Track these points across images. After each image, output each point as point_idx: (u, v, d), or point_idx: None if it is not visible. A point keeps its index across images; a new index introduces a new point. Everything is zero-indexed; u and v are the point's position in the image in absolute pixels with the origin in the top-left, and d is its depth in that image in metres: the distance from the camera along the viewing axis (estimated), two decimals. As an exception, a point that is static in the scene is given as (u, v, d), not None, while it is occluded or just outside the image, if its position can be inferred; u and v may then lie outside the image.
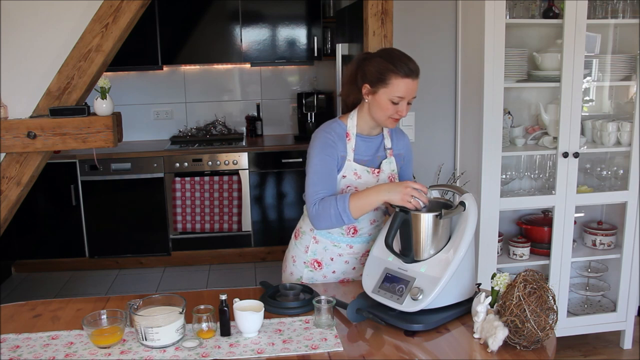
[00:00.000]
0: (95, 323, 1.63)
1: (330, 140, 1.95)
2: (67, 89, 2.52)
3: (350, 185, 1.97)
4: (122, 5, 2.48)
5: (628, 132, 3.04)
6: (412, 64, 1.88)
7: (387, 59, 1.88)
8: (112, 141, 2.52)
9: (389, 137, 2.06)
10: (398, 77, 1.85)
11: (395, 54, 1.91)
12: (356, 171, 1.97)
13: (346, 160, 1.96)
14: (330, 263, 2.08)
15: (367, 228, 2.06)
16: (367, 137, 2.02)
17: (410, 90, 1.88)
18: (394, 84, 1.86)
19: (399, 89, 1.86)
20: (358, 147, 1.99)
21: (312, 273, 2.09)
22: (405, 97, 1.88)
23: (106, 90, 2.50)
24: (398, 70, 1.86)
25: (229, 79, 5.18)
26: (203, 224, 4.60)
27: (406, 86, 1.86)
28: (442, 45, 3.15)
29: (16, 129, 2.44)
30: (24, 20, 2.48)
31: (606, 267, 3.34)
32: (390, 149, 2.05)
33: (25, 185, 2.59)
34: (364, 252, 2.07)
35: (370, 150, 2.02)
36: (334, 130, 1.97)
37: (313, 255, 2.09)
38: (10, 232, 4.40)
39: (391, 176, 2.04)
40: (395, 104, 1.88)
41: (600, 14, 3.02)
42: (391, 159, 2.05)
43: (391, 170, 2.04)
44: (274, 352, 1.55)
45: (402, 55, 1.90)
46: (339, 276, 2.09)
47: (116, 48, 2.60)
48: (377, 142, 2.04)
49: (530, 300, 1.50)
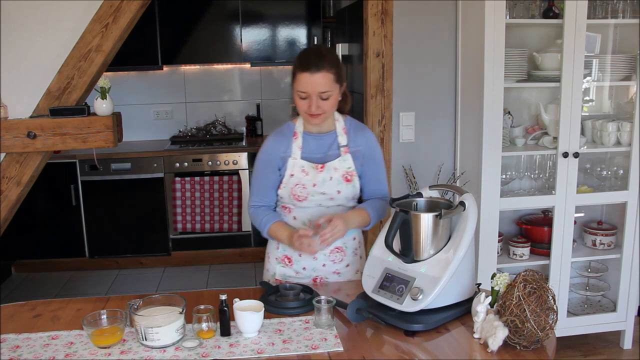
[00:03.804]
0: (95, 323, 1.63)
1: (270, 151, 2.02)
2: (67, 89, 2.52)
3: (298, 183, 1.99)
4: (122, 5, 2.48)
5: (628, 132, 3.04)
6: (313, 57, 1.87)
7: (299, 55, 1.93)
8: (112, 141, 2.53)
9: (344, 134, 2.04)
10: (298, 71, 1.88)
11: (306, 50, 1.95)
12: (304, 168, 2.00)
13: (290, 159, 2.00)
14: (299, 259, 2.09)
15: None
16: (317, 135, 2.03)
17: (312, 84, 1.86)
18: (297, 78, 1.89)
19: (300, 83, 1.88)
20: (307, 145, 2.02)
21: (284, 269, 2.12)
22: (308, 92, 1.88)
23: (106, 90, 2.50)
24: (298, 64, 1.88)
25: (229, 79, 5.18)
26: (203, 224, 4.60)
27: (305, 80, 1.86)
28: (442, 45, 3.15)
29: (16, 129, 2.44)
30: (24, 20, 2.48)
31: (606, 267, 3.34)
32: (346, 146, 2.03)
33: (25, 185, 2.59)
34: (333, 249, 2.08)
35: (321, 148, 2.03)
36: (281, 133, 2.04)
37: (283, 252, 2.12)
38: (10, 232, 4.40)
39: (347, 173, 2.01)
40: (303, 99, 1.90)
41: (600, 14, 3.02)
42: (346, 156, 2.02)
43: (346, 167, 2.01)
44: (274, 352, 1.55)
45: (310, 50, 1.94)
46: (310, 273, 2.10)
47: (116, 48, 2.60)
48: (329, 139, 2.04)
49: (530, 300, 1.50)
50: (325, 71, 1.86)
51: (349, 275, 2.13)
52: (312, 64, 1.85)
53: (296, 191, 2.00)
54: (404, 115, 3.17)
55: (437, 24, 3.12)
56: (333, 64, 1.89)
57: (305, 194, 2.00)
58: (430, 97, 3.18)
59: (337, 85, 1.92)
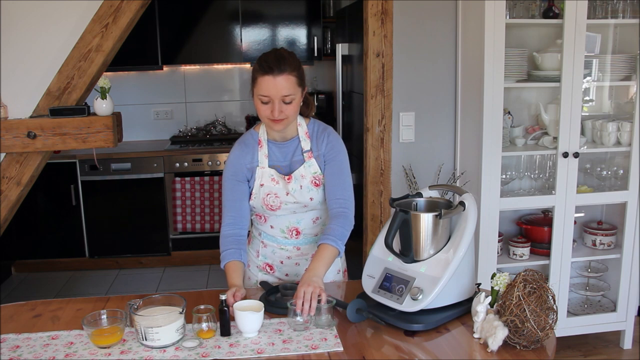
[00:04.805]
0: (95, 323, 1.63)
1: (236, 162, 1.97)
2: (67, 89, 2.52)
3: (270, 193, 1.95)
4: (122, 5, 2.48)
5: (628, 132, 3.04)
6: (275, 61, 1.81)
7: (258, 59, 1.86)
8: (112, 141, 2.53)
9: (307, 139, 1.98)
10: (259, 74, 1.82)
11: (266, 53, 1.87)
12: (273, 177, 1.95)
13: (258, 168, 1.96)
14: (281, 266, 2.07)
15: (311, 228, 2.03)
16: (280, 143, 1.98)
17: (275, 87, 1.80)
18: (258, 82, 1.83)
19: (261, 87, 1.82)
20: (272, 154, 1.98)
21: (266, 276, 2.09)
22: (271, 96, 1.81)
23: (106, 90, 2.50)
24: (259, 68, 1.82)
25: (229, 79, 5.18)
26: (203, 224, 4.60)
27: (267, 83, 1.80)
28: (442, 45, 3.15)
29: (16, 129, 2.44)
30: (24, 20, 2.48)
31: (606, 267, 3.34)
32: (309, 151, 1.97)
33: (25, 185, 2.59)
34: (314, 253, 1.97)
35: (286, 155, 1.98)
36: (244, 142, 1.99)
37: (264, 259, 2.09)
38: (10, 232, 4.40)
39: (314, 178, 1.95)
40: (265, 104, 1.83)
41: (600, 14, 3.02)
42: (311, 161, 1.96)
43: (312, 173, 1.96)
44: (274, 352, 1.55)
45: (270, 53, 1.86)
46: (292, 279, 2.07)
47: (116, 48, 2.60)
48: (292, 146, 1.99)
49: (530, 300, 1.50)
50: (287, 74, 1.81)
51: (331, 276, 2.10)
52: (274, 67, 1.80)
53: (268, 201, 1.96)
54: (404, 115, 3.17)
55: (437, 24, 3.12)
56: (295, 66, 1.85)
57: (278, 203, 1.95)
58: (430, 97, 3.18)
59: (299, 89, 1.87)
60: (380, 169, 3.16)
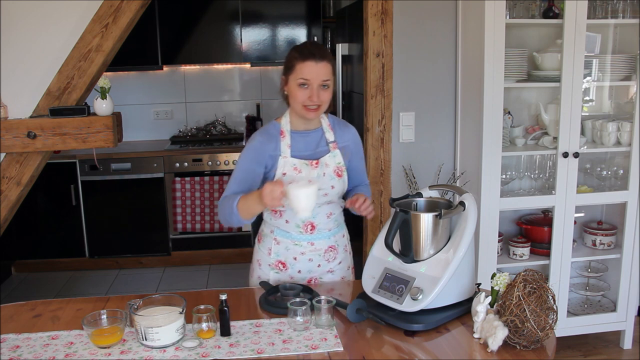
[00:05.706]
0: (95, 323, 1.63)
1: (259, 147, 1.99)
2: (67, 89, 2.52)
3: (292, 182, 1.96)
4: (122, 5, 2.48)
5: (628, 132, 3.04)
6: (315, 48, 1.93)
7: (294, 49, 1.97)
8: (112, 141, 2.53)
9: (330, 130, 2.07)
10: (299, 61, 1.91)
11: (303, 43, 2.00)
12: (296, 166, 1.99)
13: (280, 157, 1.99)
14: (294, 263, 2.08)
15: (325, 223, 2.05)
16: (304, 132, 2.04)
17: (315, 72, 1.90)
18: (297, 68, 1.92)
19: (302, 71, 1.91)
20: (296, 143, 2.02)
21: (278, 275, 2.09)
22: (311, 80, 1.91)
23: (106, 90, 2.50)
24: (299, 54, 1.92)
25: (229, 79, 5.18)
26: (203, 224, 4.60)
27: (308, 68, 1.90)
28: (442, 45, 3.15)
29: (16, 129, 2.44)
30: (24, 20, 2.48)
31: (606, 267, 3.34)
32: (334, 142, 2.06)
33: (25, 185, 2.59)
34: (327, 248, 2.07)
35: (310, 145, 2.04)
36: (267, 132, 2.03)
37: (277, 257, 2.09)
38: (10, 232, 4.40)
39: (337, 169, 2.03)
40: (304, 88, 1.91)
41: (600, 14, 3.02)
42: (335, 152, 2.05)
43: (336, 163, 2.04)
44: (274, 352, 1.55)
45: (309, 43, 1.99)
46: (305, 275, 2.09)
47: (116, 48, 2.60)
48: (317, 136, 2.06)
49: (530, 300, 1.50)
50: (326, 61, 1.93)
51: (342, 273, 2.14)
52: (315, 53, 1.91)
53: None
54: (404, 115, 3.17)
55: (437, 24, 3.12)
56: (330, 57, 1.96)
57: None
58: (430, 97, 3.18)
59: (333, 78, 1.97)
60: (380, 169, 3.16)
